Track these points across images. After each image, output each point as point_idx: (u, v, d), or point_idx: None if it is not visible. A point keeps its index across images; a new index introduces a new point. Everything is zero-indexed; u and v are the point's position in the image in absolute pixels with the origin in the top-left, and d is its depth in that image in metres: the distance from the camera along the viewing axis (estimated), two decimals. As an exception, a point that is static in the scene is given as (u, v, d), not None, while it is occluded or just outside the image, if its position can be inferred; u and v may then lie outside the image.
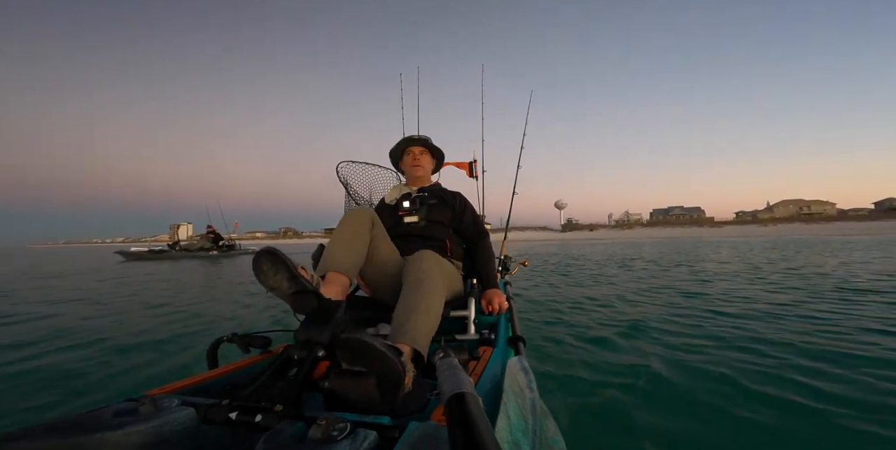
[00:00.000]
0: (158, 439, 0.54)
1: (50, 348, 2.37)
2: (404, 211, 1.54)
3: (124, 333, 2.72)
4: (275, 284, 0.90)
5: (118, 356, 2.19)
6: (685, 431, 1.28)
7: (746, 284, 4.53)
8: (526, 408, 0.65)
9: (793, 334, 2.33)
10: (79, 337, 2.64)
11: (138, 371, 1.95)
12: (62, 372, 1.94)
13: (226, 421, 0.62)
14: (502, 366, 0.93)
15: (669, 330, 2.52)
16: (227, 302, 4.17)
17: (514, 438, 0.55)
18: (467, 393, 0.49)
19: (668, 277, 5.46)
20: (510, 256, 2.85)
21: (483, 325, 1.37)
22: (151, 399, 0.61)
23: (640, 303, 3.55)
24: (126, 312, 3.67)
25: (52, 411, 1.51)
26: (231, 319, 3.18)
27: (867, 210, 66.88)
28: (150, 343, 2.46)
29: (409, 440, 0.52)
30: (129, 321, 3.19)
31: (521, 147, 3.31)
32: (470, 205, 1.67)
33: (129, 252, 13.71)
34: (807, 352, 2.00)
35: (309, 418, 0.59)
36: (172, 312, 3.57)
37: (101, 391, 1.70)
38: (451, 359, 0.69)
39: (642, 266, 7.38)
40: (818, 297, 3.59)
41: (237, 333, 1.05)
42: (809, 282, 4.54)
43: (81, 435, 0.50)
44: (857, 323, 2.55)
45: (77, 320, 3.24)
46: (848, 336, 2.26)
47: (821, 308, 3.08)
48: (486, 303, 1.41)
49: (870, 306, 3.09)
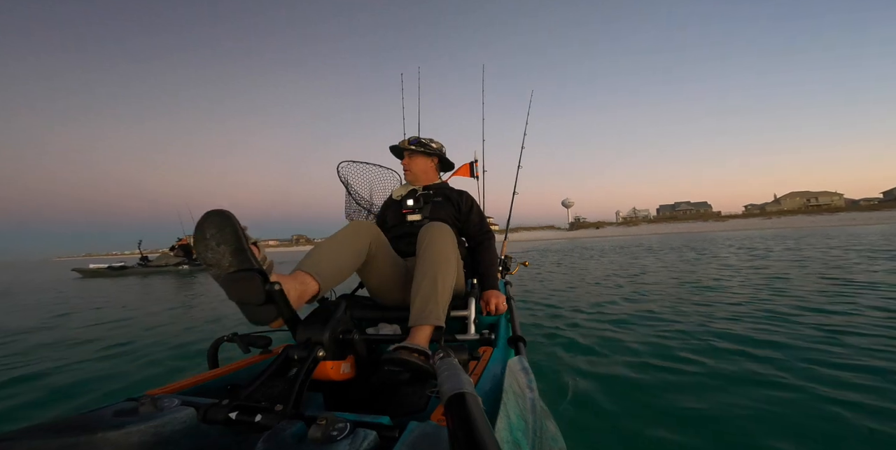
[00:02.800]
0: (158, 439, 0.54)
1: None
2: (408, 209, 1.55)
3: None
4: (214, 258, 0.72)
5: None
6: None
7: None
8: (526, 408, 0.65)
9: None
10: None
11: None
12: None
13: (226, 421, 0.62)
14: (502, 366, 0.93)
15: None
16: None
17: (514, 438, 0.55)
18: (467, 393, 0.49)
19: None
20: (511, 256, 2.85)
21: (483, 325, 1.37)
22: (152, 399, 0.61)
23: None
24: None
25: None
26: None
27: (877, 200, 66.38)
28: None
29: (408, 440, 0.52)
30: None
31: (521, 147, 3.31)
32: (477, 205, 1.68)
33: (86, 269, 12.69)
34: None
35: (309, 417, 0.59)
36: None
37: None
38: (451, 359, 0.69)
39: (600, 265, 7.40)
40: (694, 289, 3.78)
41: (237, 333, 1.05)
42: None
43: (81, 435, 0.50)
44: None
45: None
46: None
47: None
48: (486, 304, 1.41)
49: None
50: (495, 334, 1.25)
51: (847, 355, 1.82)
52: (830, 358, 1.78)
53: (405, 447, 0.50)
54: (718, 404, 1.39)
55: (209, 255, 0.73)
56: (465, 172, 2.89)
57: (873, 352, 1.83)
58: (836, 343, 1.98)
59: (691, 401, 1.43)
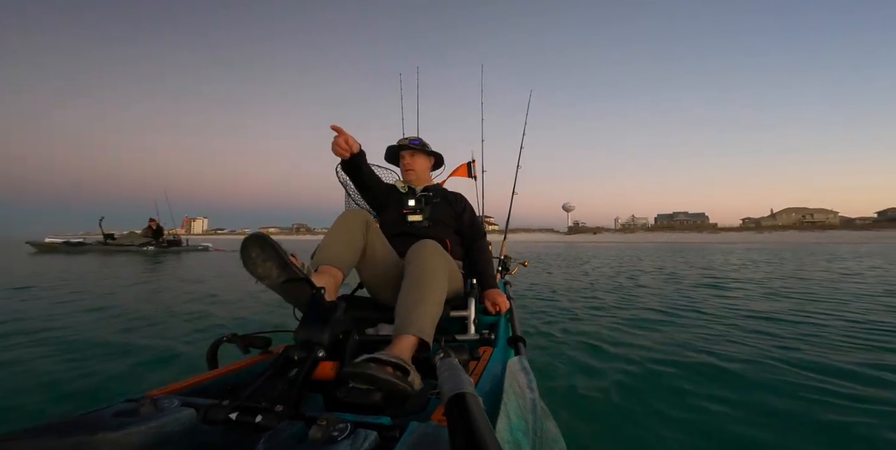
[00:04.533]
0: (158, 440, 0.54)
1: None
2: (409, 209, 1.55)
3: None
4: (264, 272, 0.85)
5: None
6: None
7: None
8: (526, 408, 0.65)
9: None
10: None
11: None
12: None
13: (226, 422, 0.62)
14: (502, 366, 0.93)
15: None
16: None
17: (514, 438, 0.55)
18: (468, 393, 0.49)
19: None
20: (510, 256, 2.85)
21: (483, 325, 1.37)
22: (151, 400, 0.61)
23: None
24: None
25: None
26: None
27: (871, 219, 67.41)
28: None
29: (409, 441, 0.52)
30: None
31: (520, 147, 3.31)
32: (470, 206, 1.69)
33: (40, 243, 12.28)
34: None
35: (309, 418, 0.59)
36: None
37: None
38: (452, 359, 0.69)
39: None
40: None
41: (237, 333, 1.05)
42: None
43: (81, 435, 0.50)
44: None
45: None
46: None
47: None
48: (489, 303, 1.41)
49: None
50: (495, 334, 1.25)
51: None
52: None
53: (406, 448, 0.50)
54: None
55: (259, 270, 0.86)
56: (462, 172, 2.89)
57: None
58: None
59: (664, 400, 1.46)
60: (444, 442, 0.51)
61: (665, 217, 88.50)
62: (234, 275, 6.17)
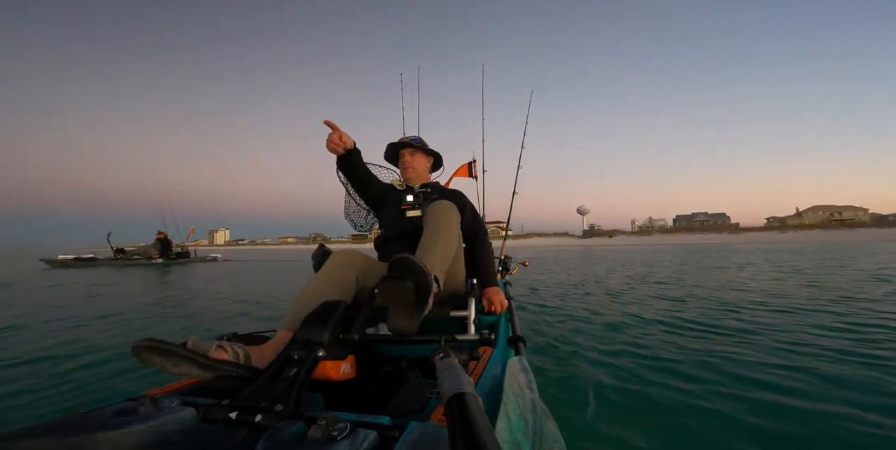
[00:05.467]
0: (158, 439, 0.54)
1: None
2: (407, 205, 1.55)
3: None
4: (184, 370, 0.72)
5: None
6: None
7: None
8: (526, 408, 0.65)
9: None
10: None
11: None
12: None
13: (226, 421, 0.62)
14: (502, 366, 0.93)
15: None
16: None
17: (514, 438, 0.55)
18: (467, 393, 0.49)
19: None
20: (511, 256, 2.84)
21: (483, 325, 1.36)
22: (151, 399, 0.61)
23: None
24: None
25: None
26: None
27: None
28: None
29: (408, 440, 0.52)
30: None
31: (521, 147, 3.31)
32: (470, 203, 1.68)
33: (54, 260, 12.65)
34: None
35: (309, 417, 0.59)
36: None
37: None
38: (451, 359, 0.69)
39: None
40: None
41: (237, 333, 1.05)
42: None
43: (81, 435, 0.50)
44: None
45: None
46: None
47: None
48: (487, 301, 1.40)
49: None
50: (495, 334, 1.25)
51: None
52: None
53: (405, 447, 0.50)
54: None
55: (175, 370, 0.72)
56: (463, 172, 2.88)
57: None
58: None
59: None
60: (443, 442, 0.51)
61: (684, 218, 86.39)
62: (244, 284, 6.51)
